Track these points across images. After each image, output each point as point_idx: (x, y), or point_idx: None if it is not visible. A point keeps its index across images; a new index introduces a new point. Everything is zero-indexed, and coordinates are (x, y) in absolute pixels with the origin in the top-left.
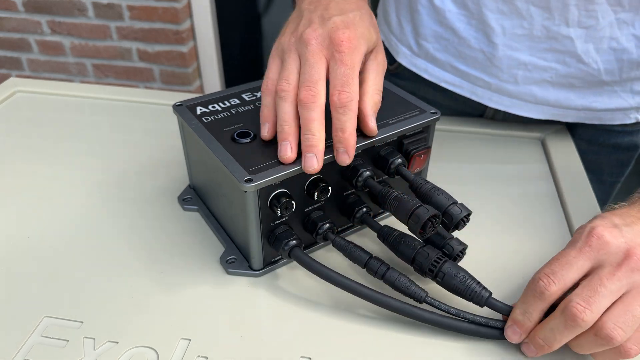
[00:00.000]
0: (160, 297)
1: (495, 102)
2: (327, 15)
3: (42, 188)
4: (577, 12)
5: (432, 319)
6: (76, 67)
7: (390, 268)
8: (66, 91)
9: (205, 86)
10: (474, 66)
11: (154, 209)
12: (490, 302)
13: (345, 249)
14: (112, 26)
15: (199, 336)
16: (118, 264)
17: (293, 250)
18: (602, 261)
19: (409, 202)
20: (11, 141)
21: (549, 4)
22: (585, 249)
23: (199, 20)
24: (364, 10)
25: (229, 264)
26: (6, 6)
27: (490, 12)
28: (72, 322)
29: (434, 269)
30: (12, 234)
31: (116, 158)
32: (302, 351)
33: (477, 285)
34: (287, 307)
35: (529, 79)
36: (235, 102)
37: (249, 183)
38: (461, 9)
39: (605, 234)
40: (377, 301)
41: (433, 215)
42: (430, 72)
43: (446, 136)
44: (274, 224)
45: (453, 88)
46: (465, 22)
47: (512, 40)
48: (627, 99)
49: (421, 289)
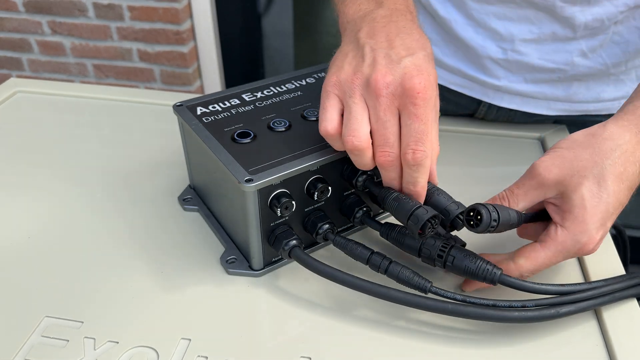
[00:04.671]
0: (161, 297)
1: (507, 102)
2: (396, 57)
3: (43, 188)
4: (584, 19)
5: (438, 306)
6: (77, 67)
7: (393, 261)
8: (66, 91)
9: (205, 86)
10: (483, 71)
11: (155, 209)
12: (502, 279)
13: (346, 247)
14: (113, 26)
15: (199, 336)
16: (118, 264)
17: (293, 250)
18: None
19: (409, 202)
20: (11, 141)
21: (555, 10)
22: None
23: (199, 21)
24: (429, 48)
25: (229, 264)
26: (7, 6)
27: (498, 20)
28: (72, 322)
29: (443, 254)
30: (12, 234)
31: (116, 158)
32: (302, 351)
33: (488, 264)
34: (287, 307)
35: (538, 79)
36: (236, 102)
37: (249, 183)
38: (467, 18)
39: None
40: (381, 294)
41: (433, 216)
42: (440, 75)
43: (446, 136)
44: (274, 224)
45: (463, 90)
46: (473, 32)
47: (520, 46)
48: (632, 85)
49: (425, 279)
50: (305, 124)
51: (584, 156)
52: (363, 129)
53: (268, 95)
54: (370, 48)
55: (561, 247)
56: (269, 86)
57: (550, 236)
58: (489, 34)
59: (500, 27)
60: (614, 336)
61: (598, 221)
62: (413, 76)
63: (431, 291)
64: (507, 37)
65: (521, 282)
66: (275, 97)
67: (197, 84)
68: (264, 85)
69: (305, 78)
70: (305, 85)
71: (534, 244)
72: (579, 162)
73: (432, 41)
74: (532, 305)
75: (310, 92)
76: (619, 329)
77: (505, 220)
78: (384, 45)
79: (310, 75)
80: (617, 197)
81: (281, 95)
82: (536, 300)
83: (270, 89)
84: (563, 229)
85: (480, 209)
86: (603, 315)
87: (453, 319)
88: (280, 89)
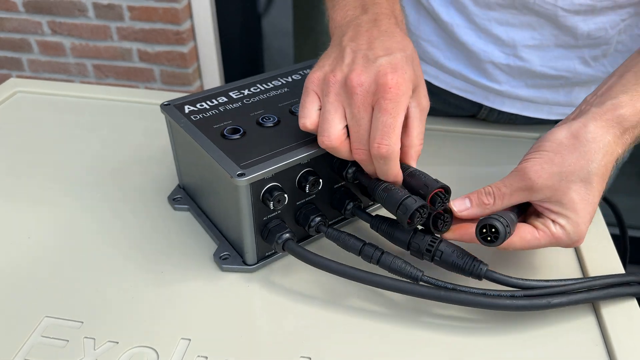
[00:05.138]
0: (160, 297)
1: (508, 106)
2: (373, 56)
3: (42, 188)
4: (587, 28)
5: (431, 293)
6: (76, 67)
7: (385, 252)
8: (66, 91)
9: (205, 86)
10: (484, 76)
11: (156, 209)
12: (488, 275)
13: (338, 239)
14: (113, 27)
15: (198, 336)
16: (118, 264)
17: (287, 243)
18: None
19: (398, 193)
20: (11, 141)
21: (557, 19)
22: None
23: (199, 21)
24: (409, 49)
25: (223, 260)
26: (7, 7)
27: (500, 25)
28: (72, 322)
29: (431, 248)
30: (12, 234)
31: (116, 159)
32: (301, 347)
33: (475, 260)
34: (283, 302)
35: (540, 84)
36: (223, 100)
37: (241, 177)
38: (469, 23)
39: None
40: (375, 282)
41: (421, 205)
42: (442, 79)
43: (446, 137)
44: (266, 217)
45: (464, 94)
46: (475, 36)
47: (522, 52)
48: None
49: (417, 269)
50: (294, 119)
51: (571, 160)
52: (334, 128)
53: (255, 92)
54: (351, 50)
55: (555, 241)
56: (256, 83)
57: (549, 229)
58: (491, 39)
59: (502, 32)
60: (613, 336)
61: (588, 220)
62: (387, 73)
63: (423, 280)
64: (509, 43)
65: (507, 278)
66: (263, 94)
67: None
68: (251, 83)
69: (291, 75)
70: (292, 81)
71: (531, 228)
72: (567, 167)
73: (434, 44)
74: (521, 295)
75: (297, 88)
76: (619, 329)
77: (512, 225)
78: (363, 47)
79: (296, 72)
80: (599, 195)
81: (268, 92)
82: (526, 291)
83: (257, 86)
84: (561, 227)
85: (494, 223)
86: (603, 316)
87: (450, 310)
88: (267, 85)
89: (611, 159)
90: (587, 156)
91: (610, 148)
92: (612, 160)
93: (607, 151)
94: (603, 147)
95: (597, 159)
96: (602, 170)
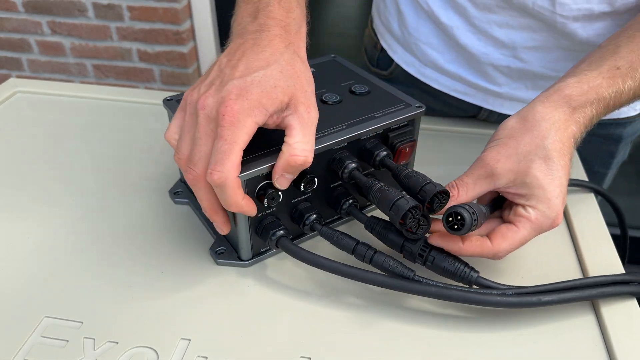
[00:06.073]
0: (159, 296)
1: (507, 109)
2: (228, 78)
3: (42, 188)
4: (585, 34)
5: (424, 289)
6: (76, 67)
7: (378, 251)
8: (66, 91)
9: None
10: (484, 78)
11: (156, 205)
12: (479, 281)
13: (332, 237)
14: (112, 27)
15: (198, 336)
16: (118, 263)
17: (280, 240)
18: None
19: (391, 193)
20: (11, 141)
21: (556, 25)
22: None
23: (199, 21)
24: (279, 63)
25: (219, 254)
26: (6, 7)
27: (499, 28)
28: (72, 322)
29: (424, 253)
30: (12, 234)
31: (116, 158)
32: (300, 347)
33: (466, 266)
34: (278, 297)
35: (540, 86)
36: None
37: None
38: (469, 25)
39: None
40: (367, 279)
41: (413, 206)
42: (441, 82)
43: (448, 137)
44: (261, 214)
45: (464, 97)
46: (475, 39)
47: (522, 54)
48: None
49: (409, 269)
50: None
51: (525, 141)
52: (182, 147)
53: None
54: (218, 67)
55: (536, 225)
56: None
57: (523, 216)
58: (491, 42)
59: (502, 35)
60: (613, 335)
61: (559, 195)
62: (229, 100)
63: (414, 279)
64: (509, 45)
65: (497, 284)
66: None
67: None
68: None
69: None
70: None
71: (509, 225)
72: (523, 148)
73: (434, 47)
74: (512, 292)
75: None
76: (619, 329)
77: (481, 216)
78: (229, 65)
79: None
80: (565, 170)
81: None
82: (516, 288)
83: None
84: (533, 208)
85: (460, 211)
86: (603, 315)
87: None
88: None
89: (566, 135)
90: (540, 134)
91: (562, 124)
92: (568, 136)
93: (560, 127)
94: (554, 123)
95: (550, 135)
96: (558, 145)
